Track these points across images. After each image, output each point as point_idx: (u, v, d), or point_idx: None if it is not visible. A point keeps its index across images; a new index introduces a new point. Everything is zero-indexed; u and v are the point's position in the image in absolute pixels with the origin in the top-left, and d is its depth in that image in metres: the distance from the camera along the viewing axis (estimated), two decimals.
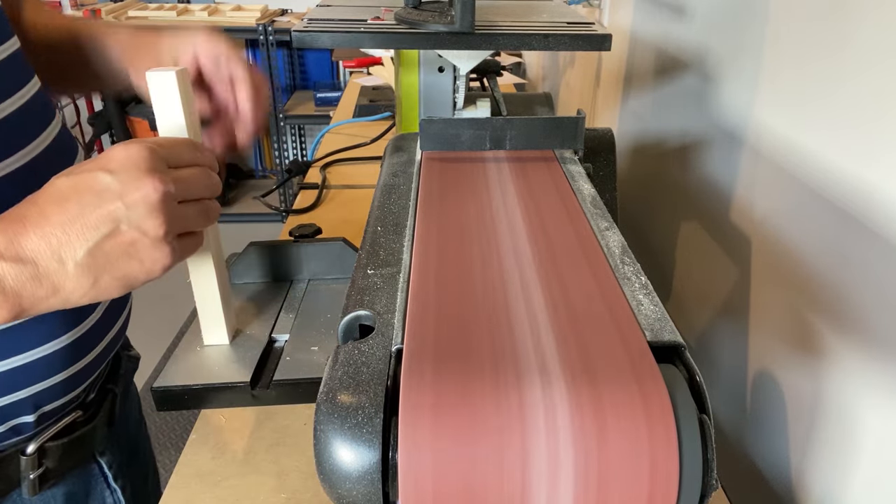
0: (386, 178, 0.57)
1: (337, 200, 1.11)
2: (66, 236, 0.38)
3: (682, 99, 0.83)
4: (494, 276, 0.40)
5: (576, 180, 0.54)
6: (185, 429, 1.89)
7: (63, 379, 0.53)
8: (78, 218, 0.38)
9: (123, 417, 0.62)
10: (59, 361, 0.52)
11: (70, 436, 0.55)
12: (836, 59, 0.51)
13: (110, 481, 0.60)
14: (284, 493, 0.55)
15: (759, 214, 0.64)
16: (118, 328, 0.61)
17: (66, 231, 0.38)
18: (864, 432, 0.49)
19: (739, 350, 0.68)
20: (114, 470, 0.59)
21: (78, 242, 0.39)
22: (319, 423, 0.31)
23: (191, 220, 0.43)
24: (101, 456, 0.58)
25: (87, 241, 0.39)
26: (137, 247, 0.40)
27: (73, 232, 0.38)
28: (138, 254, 0.40)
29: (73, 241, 0.38)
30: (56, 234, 0.38)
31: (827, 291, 0.53)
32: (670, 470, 0.29)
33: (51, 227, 0.38)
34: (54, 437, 0.54)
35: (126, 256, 0.40)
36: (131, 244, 0.40)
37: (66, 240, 0.38)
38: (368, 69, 1.79)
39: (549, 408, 0.29)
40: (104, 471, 0.59)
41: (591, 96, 1.30)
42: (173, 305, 2.45)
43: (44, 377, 0.51)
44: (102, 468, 0.59)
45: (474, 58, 0.71)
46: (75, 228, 0.38)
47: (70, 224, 0.38)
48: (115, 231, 0.39)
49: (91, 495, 0.59)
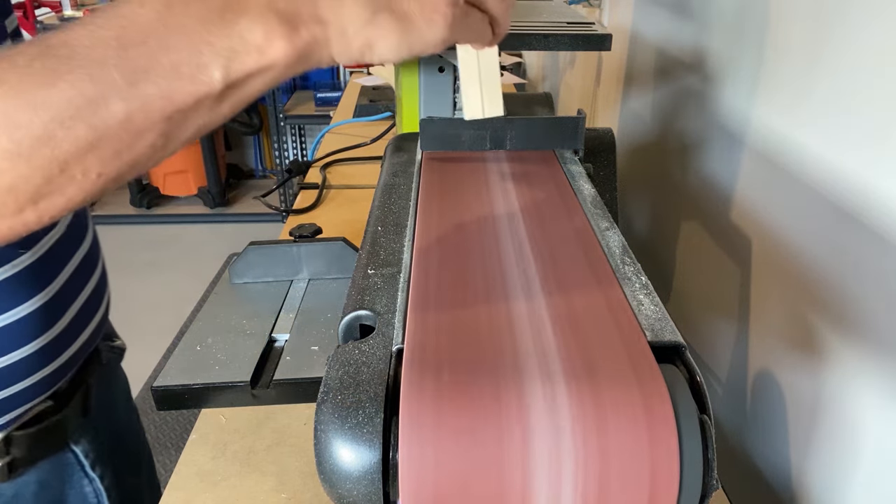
0: (386, 177, 0.57)
1: (337, 200, 1.11)
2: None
3: (682, 99, 0.83)
4: (495, 276, 0.40)
5: (576, 180, 0.54)
6: (185, 429, 1.89)
7: (36, 381, 0.52)
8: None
9: (105, 406, 0.62)
10: (33, 364, 0.52)
11: (38, 425, 0.54)
12: (836, 59, 0.51)
13: (87, 470, 0.59)
14: (284, 493, 0.55)
15: (759, 214, 0.64)
16: (94, 326, 0.60)
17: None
18: (864, 432, 0.49)
19: (739, 350, 0.68)
20: (91, 458, 0.58)
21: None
22: (320, 422, 0.31)
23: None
24: (76, 444, 0.58)
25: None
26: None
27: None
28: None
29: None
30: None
31: (827, 291, 0.53)
32: (671, 470, 0.29)
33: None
34: (22, 426, 0.53)
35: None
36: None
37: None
38: (368, 69, 1.79)
39: (550, 408, 0.29)
40: (80, 459, 0.58)
41: (591, 96, 1.30)
42: (173, 305, 2.45)
43: (16, 381, 0.51)
44: (78, 456, 0.58)
45: None
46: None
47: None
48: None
49: (68, 483, 0.58)
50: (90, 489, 0.60)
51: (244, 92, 0.32)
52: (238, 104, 0.33)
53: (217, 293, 0.75)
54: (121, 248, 2.91)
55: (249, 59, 0.31)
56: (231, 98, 0.32)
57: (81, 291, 0.58)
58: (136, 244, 2.96)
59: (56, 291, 0.54)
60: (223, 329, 0.68)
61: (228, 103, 0.32)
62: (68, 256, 0.56)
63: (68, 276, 0.56)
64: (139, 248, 2.93)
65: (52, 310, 0.53)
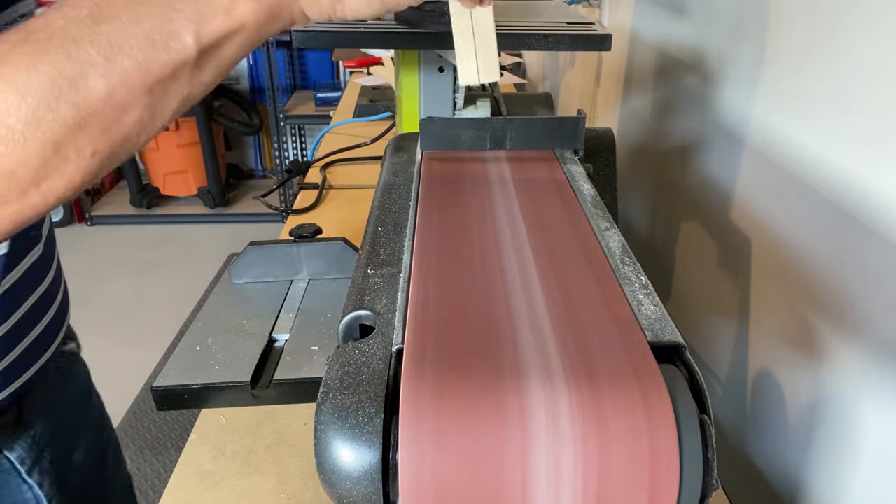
0: (386, 177, 0.57)
1: (337, 200, 1.11)
2: None
3: (682, 99, 0.83)
4: (495, 276, 0.40)
5: (576, 180, 0.54)
6: (185, 429, 1.89)
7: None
8: None
9: (48, 410, 0.61)
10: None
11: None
12: (836, 59, 0.51)
13: (24, 476, 0.59)
14: (284, 493, 0.55)
15: (759, 214, 0.64)
16: (49, 354, 0.59)
17: None
18: (864, 432, 0.49)
19: (739, 350, 0.68)
20: (27, 465, 0.58)
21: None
22: (320, 422, 0.31)
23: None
24: (10, 451, 0.57)
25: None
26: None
27: None
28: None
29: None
30: None
31: (827, 291, 0.53)
32: (671, 470, 0.29)
33: None
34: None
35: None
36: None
37: None
38: (368, 69, 1.79)
39: (550, 407, 0.29)
40: (15, 466, 0.58)
41: (591, 96, 1.30)
42: (173, 305, 2.45)
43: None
44: (13, 463, 0.57)
45: None
46: None
47: None
48: None
49: (5, 488, 0.57)
50: (30, 495, 0.59)
51: (221, 56, 0.33)
52: (218, 70, 0.33)
53: (217, 293, 0.75)
54: (121, 248, 2.91)
55: (217, 20, 0.31)
56: (209, 65, 0.32)
57: (38, 324, 0.58)
58: (136, 244, 2.96)
59: (13, 325, 0.54)
60: (223, 329, 0.68)
61: (208, 71, 0.33)
62: (28, 294, 0.56)
63: (25, 311, 0.56)
64: (139, 248, 2.93)
65: (5, 345, 0.54)
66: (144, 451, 1.81)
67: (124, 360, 2.16)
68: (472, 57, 0.50)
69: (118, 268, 2.75)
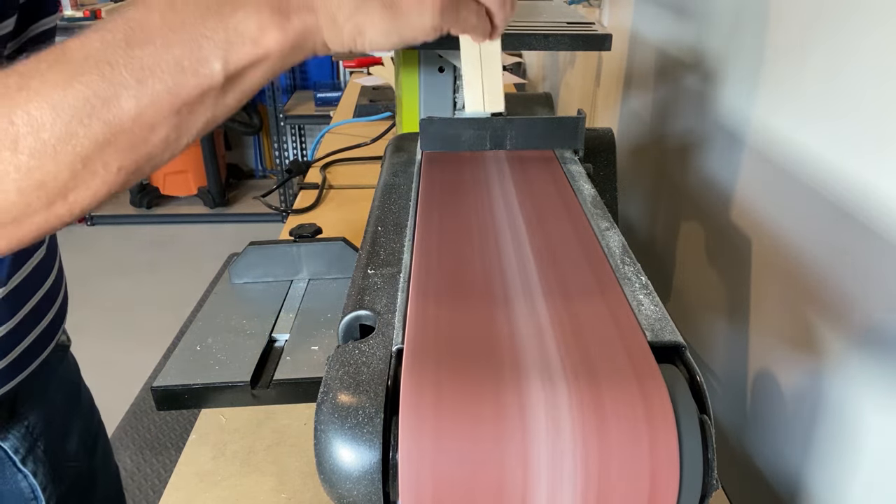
0: (386, 177, 0.57)
1: (337, 200, 1.11)
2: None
3: (682, 99, 0.83)
4: (495, 276, 0.40)
5: (576, 180, 0.54)
6: (185, 429, 1.89)
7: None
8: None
9: (40, 401, 0.62)
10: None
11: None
12: (836, 59, 0.51)
13: (19, 465, 0.59)
14: (284, 493, 0.55)
15: (759, 214, 0.64)
16: (48, 352, 0.60)
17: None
18: (864, 432, 0.49)
19: (739, 350, 0.68)
20: (21, 454, 0.59)
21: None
22: (320, 422, 0.31)
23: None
24: (4, 441, 0.58)
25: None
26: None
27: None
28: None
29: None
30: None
31: (827, 291, 0.53)
32: (671, 470, 0.29)
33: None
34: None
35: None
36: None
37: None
38: (368, 69, 1.79)
39: (550, 408, 0.29)
40: (10, 455, 0.58)
41: (591, 96, 1.30)
42: (173, 305, 2.45)
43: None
44: (7, 452, 0.58)
45: None
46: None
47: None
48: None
49: (1, 478, 0.58)
50: (25, 484, 0.60)
51: (246, 83, 0.34)
52: (242, 95, 0.35)
53: (217, 293, 0.75)
54: (121, 248, 2.91)
55: (245, 49, 0.33)
56: (234, 89, 0.34)
57: (39, 322, 0.59)
58: (136, 244, 2.96)
59: (17, 323, 0.55)
60: (223, 329, 0.68)
61: (232, 95, 0.34)
62: (32, 293, 0.57)
63: (30, 309, 0.57)
64: (139, 248, 2.93)
65: (11, 340, 0.55)
66: (144, 451, 1.81)
67: (124, 360, 2.16)
68: (478, 86, 0.52)
69: (118, 268, 2.75)
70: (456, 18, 0.38)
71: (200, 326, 0.68)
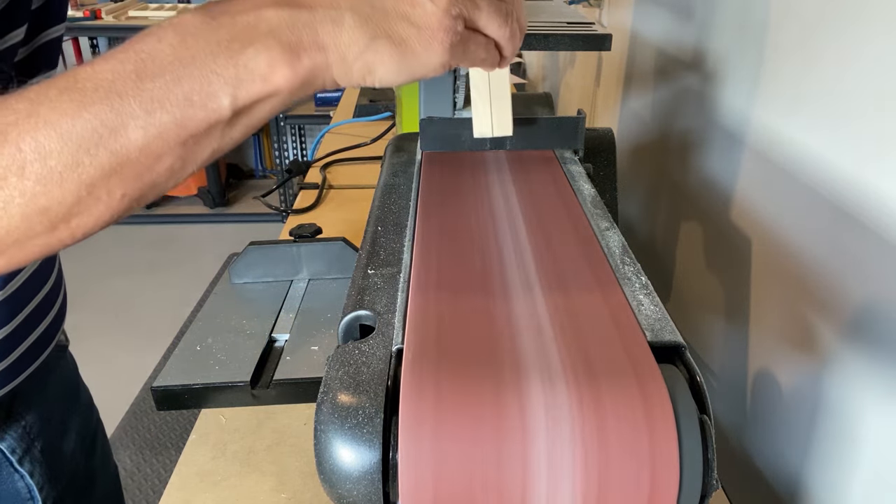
0: (386, 177, 0.57)
1: (337, 200, 1.11)
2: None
3: (682, 99, 0.83)
4: (495, 276, 0.40)
5: (576, 180, 0.54)
6: (185, 429, 1.89)
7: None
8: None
9: (37, 401, 0.62)
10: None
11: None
12: (836, 59, 0.51)
13: (16, 466, 0.60)
14: (284, 493, 0.55)
15: (759, 214, 0.64)
16: (46, 355, 0.61)
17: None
18: (864, 432, 0.49)
19: (739, 350, 0.68)
20: (18, 455, 0.59)
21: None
22: (320, 422, 0.31)
23: (484, 13, 0.38)
24: (1, 441, 0.58)
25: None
26: (418, 10, 0.35)
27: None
28: (417, 19, 0.35)
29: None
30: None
31: (827, 291, 0.53)
32: (671, 470, 0.29)
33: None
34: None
35: (405, 20, 0.35)
36: (412, 5, 0.35)
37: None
38: None
39: (550, 408, 0.29)
40: (7, 455, 0.59)
41: (591, 96, 1.30)
42: (173, 305, 2.45)
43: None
44: (4, 453, 0.59)
45: None
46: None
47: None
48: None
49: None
50: (21, 484, 0.60)
51: (253, 117, 0.35)
52: (248, 128, 0.36)
53: (217, 293, 0.75)
54: (121, 248, 2.91)
55: (255, 86, 0.33)
56: (240, 123, 0.35)
57: (39, 325, 0.59)
58: (136, 244, 2.96)
59: (17, 325, 0.55)
60: (223, 329, 0.68)
61: (239, 128, 0.35)
62: (32, 296, 0.58)
63: (29, 312, 0.57)
64: (139, 248, 2.93)
65: (10, 342, 0.55)
66: (144, 451, 1.81)
67: (124, 360, 2.16)
68: (487, 111, 0.53)
69: (118, 268, 2.75)
70: (464, 54, 0.38)
71: (200, 326, 0.68)
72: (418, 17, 0.35)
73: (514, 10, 0.40)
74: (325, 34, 0.34)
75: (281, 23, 0.33)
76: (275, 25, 0.33)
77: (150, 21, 2.77)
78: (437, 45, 0.36)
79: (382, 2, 0.35)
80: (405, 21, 0.35)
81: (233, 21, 0.33)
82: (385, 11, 0.35)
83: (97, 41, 3.21)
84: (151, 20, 2.77)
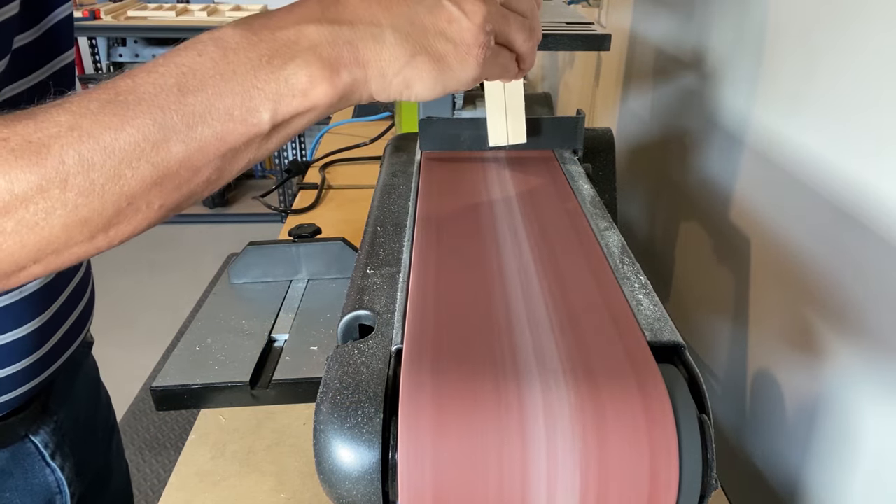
0: (385, 178, 0.56)
1: (336, 200, 1.11)
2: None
3: (682, 99, 0.83)
4: (494, 276, 0.40)
5: (575, 180, 0.54)
6: (185, 429, 1.89)
7: (12, 396, 0.54)
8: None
9: (67, 398, 0.63)
10: (19, 379, 0.53)
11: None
12: (836, 59, 0.51)
13: (48, 460, 0.61)
14: (284, 493, 0.55)
15: (758, 214, 0.64)
16: (78, 342, 0.62)
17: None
18: (864, 432, 0.49)
19: (739, 350, 0.68)
20: (50, 449, 0.60)
21: (398, 8, 0.36)
22: (319, 422, 0.31)
23: (513, 28, 0.40)
24: (35, 436, 0.59)
25: (408, 6, 0.36)
26: (454, 27, 0.37)
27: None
28: (454, 36, 0.37)
29: (392, 5, 0.36)
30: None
31: (827, 291, 0.53)
32: (670, 470, 0.29)
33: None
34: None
35: (442, 37, 0.37)
36: (449, 21, 0.36)
37: (387, 3, 0.36)
38: None
39: (549, 408, 0.29)
40: (40, 450, 0.60)
41: (590, 96, 1.30)
42: (173, 305, 2.45)
43: (7, 364, 0.52)
44: (38, 447, 0.60)
45: None
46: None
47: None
48: (437, 4, 0.36)
49: (30, 471, 0.60)
50: (52, 478, 0.61)
51: (289, 129, 0.36)
52: (284, 140, 0.36)
53: (216, 293, 0.75)
54: (121, 248, 2.89)
55: (295, 101, 0.34)
56: (278, 135, 0.35)
57: (70, 315, 0.60)
58: (136, 244, 2.93)
59: (50, 316, 0.56)
60: (223, 329, 0.68)
61: (275, 140, 0.36)
62: (64, 287, 0.58)
63: (61, 304, 0.58)
64: (139, 248, 2.92)
65: (45, 332, 0.56)
66: (144, 451, 1.81)
67: (124, 360, 2.16)
68: (502, 121, 0.54)
69: (118, 268, 2.75)
70: (493, 68, 0.40)
71: (200, 326, 0.68)
72: (455, 33, 0.37)
73: (537, 25, 0.42)
74: (365, 50, 0.35)
75: (322, 39, 0.34)
76: (315, 41, 0.34)
77: (149, 21, 2.77)
78: (472, 61, 0.37)
79: (421, 18, 0.36)
80: (442, 37, 0.36)
81: (273, 36, 0.34)
82: (424, 28, 0.36)
83: (96, 41, 3.21)
84: (150, 20, 2.77)
